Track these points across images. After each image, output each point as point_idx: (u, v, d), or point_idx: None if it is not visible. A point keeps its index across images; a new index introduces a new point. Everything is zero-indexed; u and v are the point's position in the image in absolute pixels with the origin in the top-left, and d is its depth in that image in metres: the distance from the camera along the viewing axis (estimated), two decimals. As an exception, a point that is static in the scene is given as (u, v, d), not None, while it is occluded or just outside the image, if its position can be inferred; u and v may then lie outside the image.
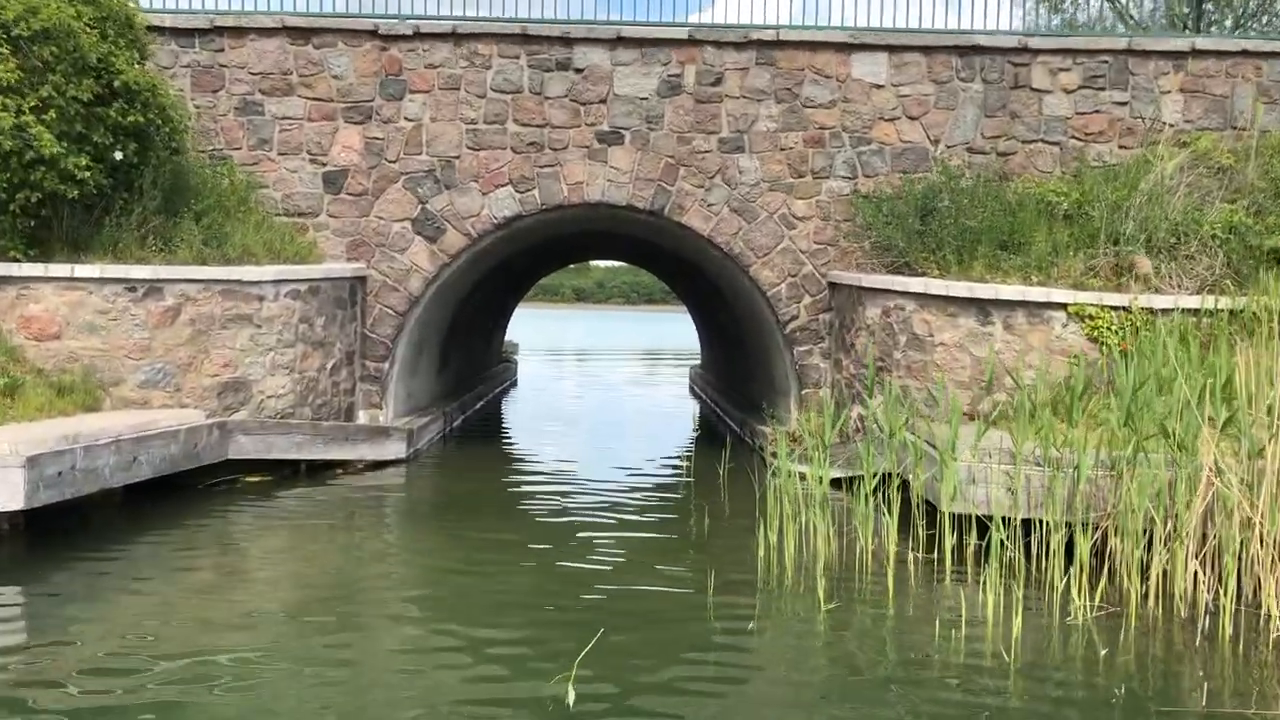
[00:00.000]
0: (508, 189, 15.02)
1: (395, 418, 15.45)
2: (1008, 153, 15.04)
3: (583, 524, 11.45)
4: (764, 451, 15.37)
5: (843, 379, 14.43)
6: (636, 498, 13.12)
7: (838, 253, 15.10)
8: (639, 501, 12.88)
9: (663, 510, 12.32)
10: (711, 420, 22.07)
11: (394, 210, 15.03)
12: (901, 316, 13.02)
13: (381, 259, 15.06)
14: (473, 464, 15.46)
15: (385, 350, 15.08)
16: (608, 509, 12.31)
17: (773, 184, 15.07)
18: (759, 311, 15.97)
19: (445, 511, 12.22)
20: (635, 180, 15.03)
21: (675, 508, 12.35)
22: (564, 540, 10.70)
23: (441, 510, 12.30)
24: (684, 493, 13.21)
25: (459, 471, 14.86)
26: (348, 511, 11.87)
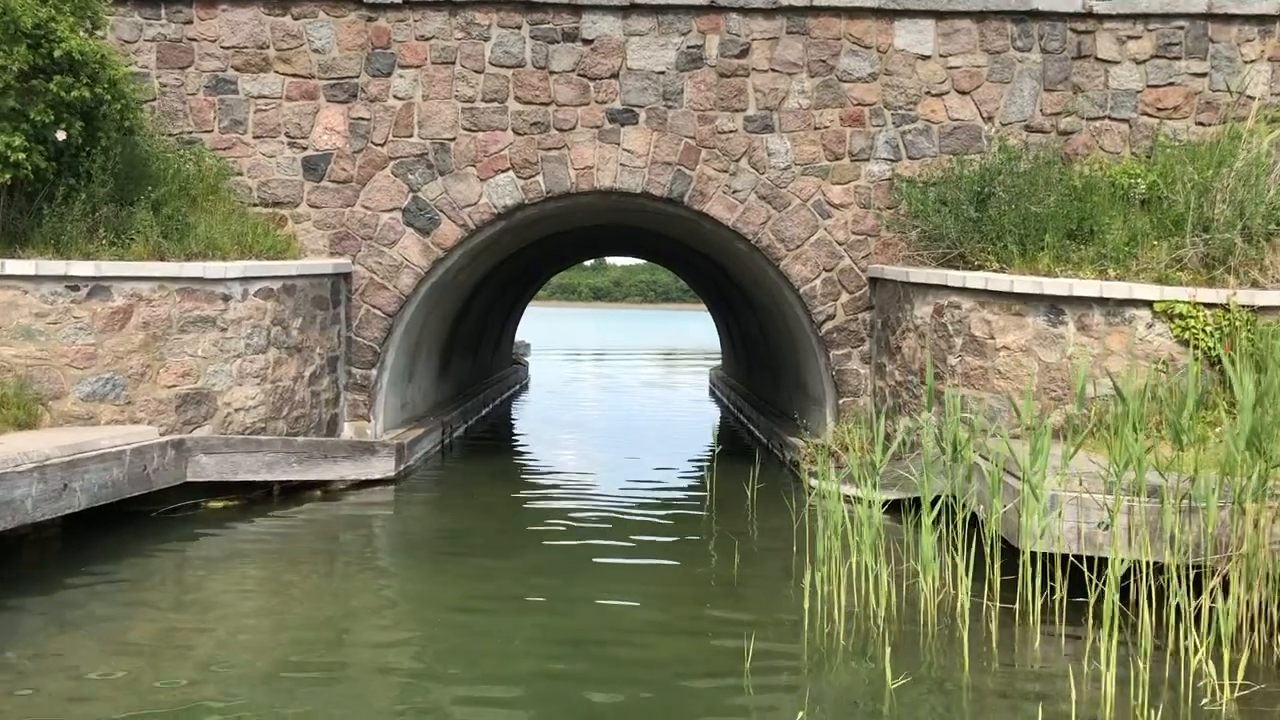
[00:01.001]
0: (509, 175, 13.43)
1: (385, 430, 13.89)
2: (1070, 131, 13.35)
3: (593, 560, 9.85)
4: (797, 468, 13.75)
5: (886, 387, 12.77)
6: (654, 525, 11.51)
7: (879, 244, 13.45)
8: (657, 530, 11.26)
9: (684, 543, 10.69)
10: (734, 427, 20.43)
11: (382, 199, 13.46)
12: (957, 316, 11.36)
13: (368, 253, 13.49)
14: (471, 482, 13.87)
15: (373, 355, 13.51)
16: (621, 540, 10.71)
17: (806, 167, 13.43)
18: (789, 310, 14.33)
19: (439, 542, 10.63)
20: (651, 164, 13.41)
21: (699, 540, 10.72)
22: (572, 580, 9.10)
23: (435, 540, 10.72)
24: (708, 519, 11.58)
25: (455, 492, 13.27)
26: (325, 543, 10.31)
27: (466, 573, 9.35)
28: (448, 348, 17.80)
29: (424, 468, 14.25)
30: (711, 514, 11.78)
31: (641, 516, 11.83)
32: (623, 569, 9.66)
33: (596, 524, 11.38)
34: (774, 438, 16.13)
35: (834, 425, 13.67)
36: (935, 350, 11.61)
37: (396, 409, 14.54)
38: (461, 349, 19.43)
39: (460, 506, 12.40)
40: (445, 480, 13.95)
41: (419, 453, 14.23)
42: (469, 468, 15.08)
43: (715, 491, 12.30)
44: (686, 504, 12.61)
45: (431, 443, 15.20)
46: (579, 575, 9.30)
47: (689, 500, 12.80)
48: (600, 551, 10.17)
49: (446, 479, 14.05)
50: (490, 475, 14.37)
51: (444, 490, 13.32)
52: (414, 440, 13.99)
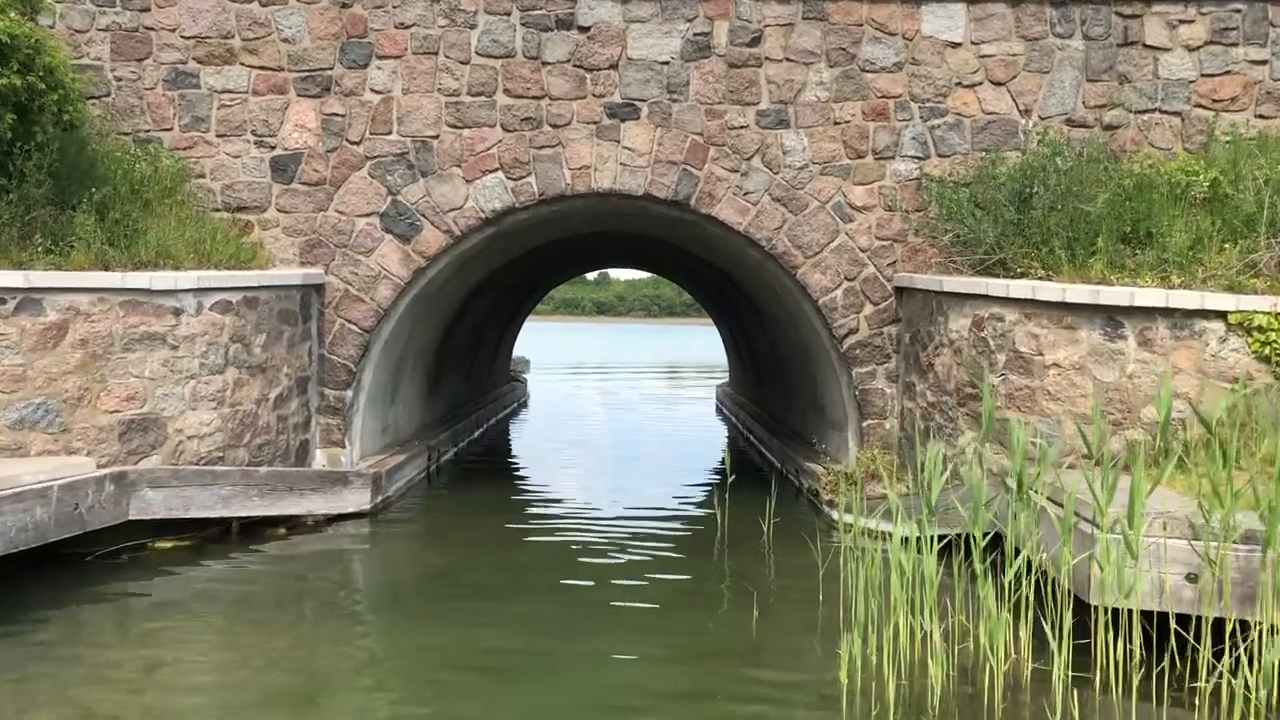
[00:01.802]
0: (497, 176, 12.19)
1: (362, 457, 12.62)
2: (1115, 125, 12.09)
3: (590, 615, 8.56)
4: (816, 497, 12.48)
5: (916, 408, 11.49)
6: (659, 564, 10.23)
7: (906, 251, 12.18)
8: (663, 570, 9.98)
9: (694, 590, 9.40)
10: (743, 448, 19.14)
11: (358, 203, 12.22)
12: (999, 329, 10.09)
13: (343, 262, 12.24)
14: (459, 514, 12.58)
15: (348, 375, 12.25)
16: (624, 583, 9.44)
17: (825, 166, 12.18)
18: (806, 324, 13.07)
19: (420, 588, 9.36)
20: (654, 163, 12.17)
21: (710, 585, 9.43)
22: (572, 634, 7.85)
23: (415, 586, 9.45)
24: (719, 560, 10.30)
25: (440, 526, 11.99)
26: (289, 590, 9.05)
27: (451, 625, 8.12)
28: (436, 365, 16.55)
29: (406, 498, 12.97)
30: (723, 551, 10.50)
31: (646, 554, 10.55)
32: (626, 620, 8.38)
33: (597, 563, 10.12)
34: (788, 462, 14.85)
35: (857, 450, 12.39)
36: (973, 368, 10.34)
37: (376, 433, 13.28)
38: (453, 366, 18.18)
39: (445, 543, 11.12)
40: (429, 512, 12.66)
41: (400, 481, 12.95)
42: (457, 496, 13.80)
43: (727, 524, 11.02)
44: (695, 540, 11.30)
45: (416, 469, 13.92)
46: (578, 629, 8.05)
47: (698, 535, 11.49)
48: (602, 599, 8.91)
49: (431, 511, 12.76)
50: (481, 505, 13.08)
51: (427, 524, 12.04)
52: (394, 468, 12.72)
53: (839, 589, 8.35)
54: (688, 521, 12.41)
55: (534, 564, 10.28)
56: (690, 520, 12.47)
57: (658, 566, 10.11)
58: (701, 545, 10.89)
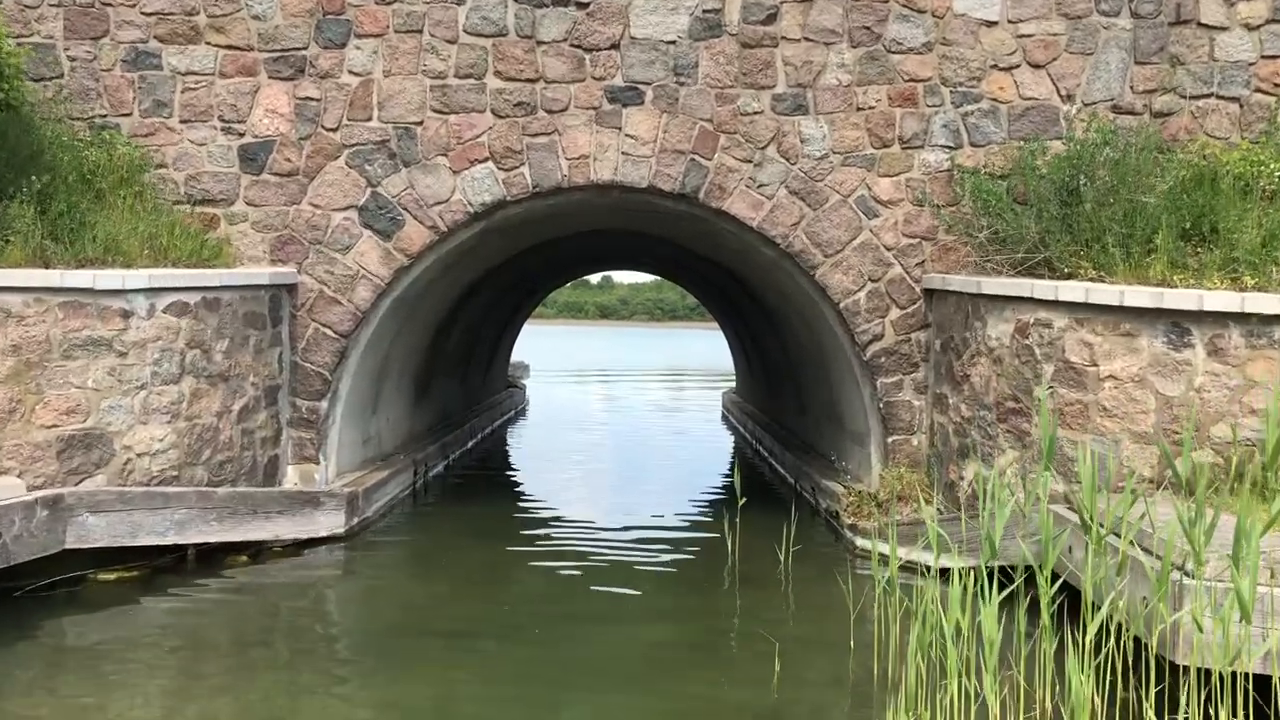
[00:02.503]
0: (487, 166, 11.11)
1: (339, 474, 11.53)
2: (1167, 112, 10.99)
3: (587, 665, 7.46)
4: (836, 520, 11.38)
5: (949, 423, 10.38)
6: (665, 604, 9.14)
7: (936, 249, 11.09)
8: (669, 615, 8.88)
9: (705, 638, 8.26)
10: (753, 460, 18.06)
11: (334, 195, 11.14)
12: (1047, 337, 8.98)
13: (317, 260, 11.16)
14: (445, 537, 11.48)
15: (322, 384, 11.16)
16: (626, 624, 8.38)
17: (847, 156, 11.09)
18: (825, 329, 11.97)
19: (397, 626, 8.25)
20: (659, 153, 11.08)
21: (723, 630, 8.33)
22: (568, 690, 6.79)
23: (391, 624, 8.35)
24: (731, 592, 9.20)
25: (423, 552, 10.89)
26: (248, 629, 8.00)
27: (430, 677, 7.08)
28: (425, 371, 15.46)
29: (388, 518, 11.86)
30: (735, 583, 9.41)
31: (650, 587, 9.48)
32: (629, 673, 7.31)
33: (597, 599, 9.06)
34: (803, 478, 13.74)
35: (881, 468, 11.28)
36: (1017, 380, 9.23)
37: (355, 446, 12.19)
38: (444, 372, 17.10)
39: (428, 573, 10.02)
40: (413, 535, 11.56)
41: (381, 500, 11.85)
42: (445, 516, 12.69)
43: (739, 556, 9.91)
44: (704, 569, 10.18)
45: (399, 486, 12.82)
46: (574, 683, 7.00)
47: (707, 564, 10.37)
48: (601, 644, 7.84)
49: (415, 533, 11.66)
50: (470, 526, 11.97)
51: (409, 550, 10.94)
52: (375, 485, 11.62)
53: (871, 633, 7.27)
54: (696, 547, 11.30)
55: (526, 599, 9.19)
56: (699, 545, 11.35)
57: (664, 603, 9.02)
58: (711, 575, 9.78)
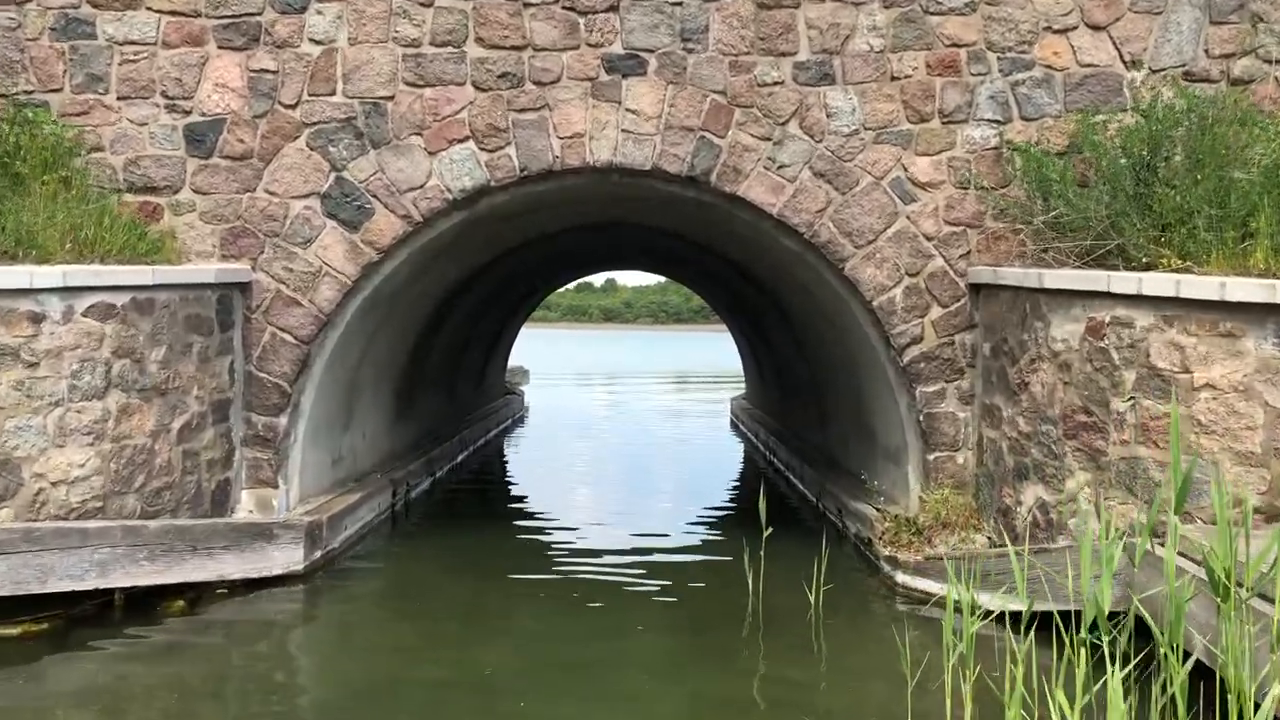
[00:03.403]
0: (468, 146, 9.72)
1: (302, 499, 10.13)
2: (1247, 79, 9.57)
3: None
4: (868, 548, 9.98)
5: (1003, 439, 8.96)
6: (676, 658, 7.72)
7: (983, 239, 9.68)
8: (677, 680, 7.46)
9: (724, 704, 6.87)
10: (765, 472, 16.64)
11: (294, 181, 9.76)
12: (1127, 338, 7.56)
13: (275, 255, 9.78)
14: (420, 574, 10.05)
15: (281, 397, 9.77)
16: (631, 687, 6.95)
17: (880, 133, 9.69)
18: (853, 330, 10.56)
19: (353, 697, 6.82)
20: (665, 129, 9.68)
21: (745, 696, 6.91)
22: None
23: (345, 695, 6.91)
24: (752, 641, 7.79)
25: (392, 593, 9.46)
26: (181, 696, 6.56)
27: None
28: (408, 380, 14.06)
29: (359, 549, 10.45)
30: (758, 630, 8.00)
31: (657, 633, 8.07)
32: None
33: (594, 646, 7.63)
34: (827, 497, 12.31)
35: (920, 489, 9.86)
36: (1089, 389, 7.81)
37: (323, 467, 10.79)
38: (430, 381, 15.70)
39: (399, 616, 8.59)
40: (386, 569, 10.14)
41: (351, 528, 10.44)
42: (426, 543, 11.26)
43: (761, 599, 8.50)
44: (721, 611, 8.73)
45: (374, 510, 11.41)
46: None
47: (723, 602, 8.92)
48: (601, 713, 6.41)
49: (388, 566, 10.24)
50: (452, 554, 10.56)
51: (380, 589, 9.51)
52: (343, 511, 10.22)
53: (936, 709, 5.85)
54: (710, 578, 9.86)
55: (513, 649, 7.76)
56: (713, 576, 9.91)
57: (673, 656, 7.60)
58: (728, 617, 8.36)
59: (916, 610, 8.50)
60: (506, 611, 8.78)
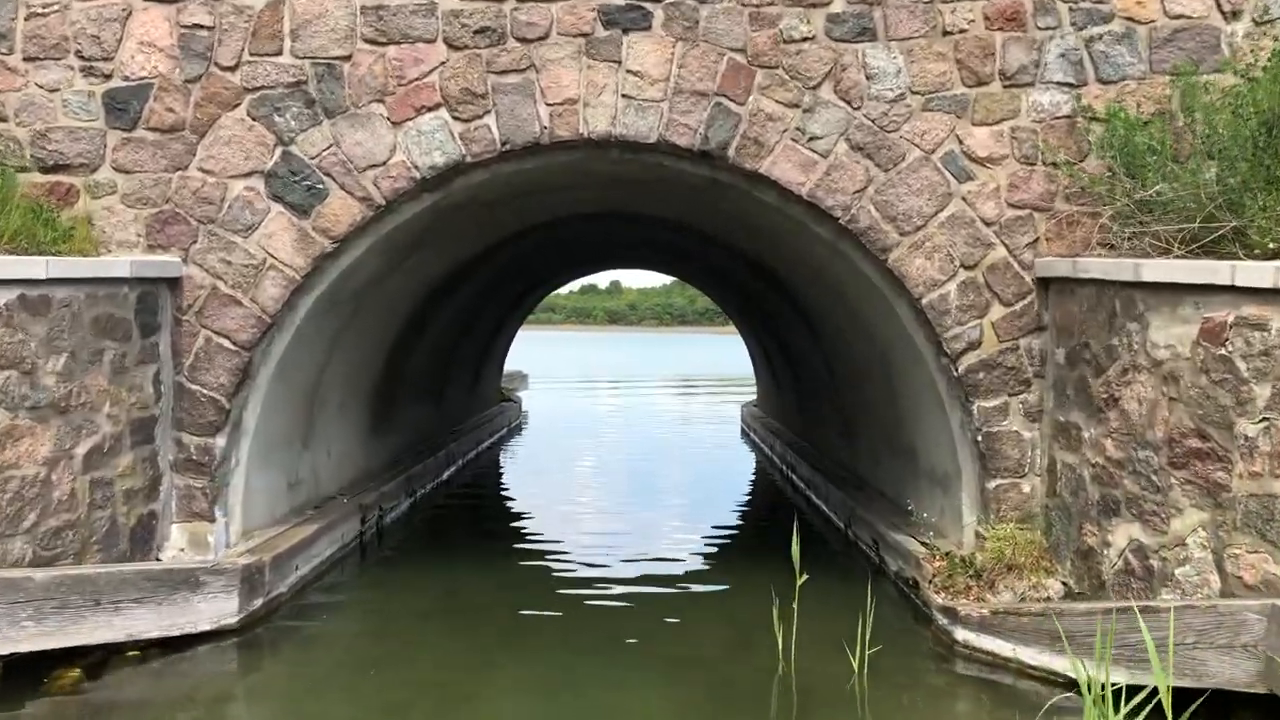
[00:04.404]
0: (439, 115, 8.18)
1: (247, 533, 8.59)
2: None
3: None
4: (916, 591, 8.42)
5: (1083, 465, 7.39)
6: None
7: (1054, 224, 8.12)
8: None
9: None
10: (782, 488, 15.15)
11: (233, 158, 8.22)
12: (1258, 344, 5.99)
13: (210, 246, 8.24)
14: (383, 618, 8.49)
15: (217, 413, 8.23)
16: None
17: (930, 98, 8.13)
18: (893, 333, 9.02)
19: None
20: (673, 95, 8.13)
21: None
22: None
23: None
24: None
25: (347, 649, 7.85)
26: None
27: None
28: (385, 389, 12.52)
29: (314, 590, 8.90)
30: (790, 709, 6.44)
31: (663, 708, 6.51)
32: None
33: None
34: (859, 525, 10.75)
35: (977, 523, 8.29)
36: (1205, 406, 6.24)
37: (274, 494, 9.24)
38: (413, 389, 14.16)
39: (354, 684, 6.99)
40: (347, 616, 8.56)
41: (305, 567, 8.89)
42: (396, 579, 9.67)
43: (787, 641, 6.97)
44: (746, 678, 7.14)
45: (337, 543, 9.85)
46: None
47: (749, 666, 7.34)
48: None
49: (347, 612, 8.67)
50: (427, 593, 9.00)
51: (333, 642, 7.93)
52: (295, 548, 8.68)
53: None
54: (731, 634, 8.19)
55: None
56: (734, 632, 8.23)
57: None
58: (755, 694, 6.79)
59: (984, 676, 6.95)
60: (480, 672, 7.23)
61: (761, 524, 13.29)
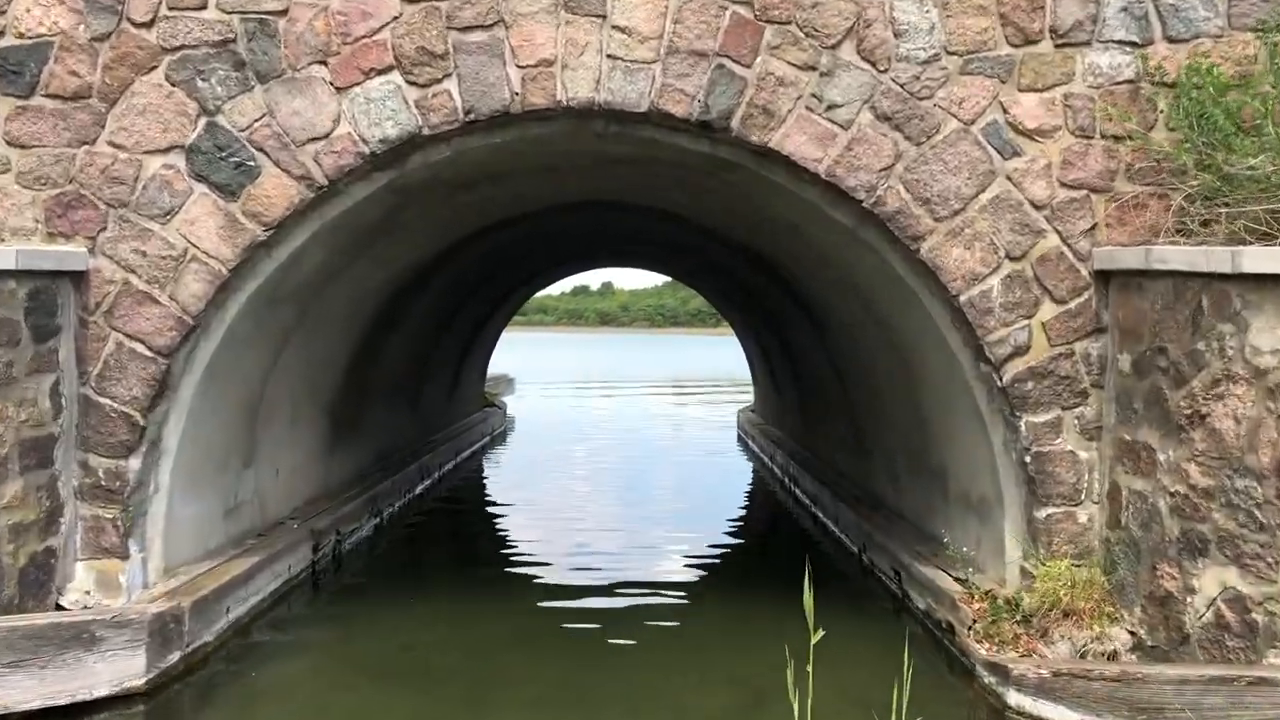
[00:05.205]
0: (391, 79, 6.94)
1: (171, 569, 7.34)
2: None
3: None
4: (951, 637, 7.21)
5: (1160, 494, 6.18)
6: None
7: (1115, 208, 6.91)
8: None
9: None
10: (784, 502, 13.99)
11: (148, 130, 6.98)
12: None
13: (122, 234, 6.99)
14: (326, 673, 7.25)
15: (130, 431, 6.97)
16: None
17: (969, 59, 6.92)
18: (922, 334, 7.81)
19: None
20: (668, 56, 6.91)
21: None
22: None
23: None
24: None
25: (287, 714, 6.62)
26: None
27: None
28: (347, 398, 11.27)
29: (250, 637, 7.65)
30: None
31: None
32: None
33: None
34: (877, 552, 9.53)
35: (1023, 557, 7.07)
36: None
37: (207, 522, 7.99)
38: (383, 397, 12.91)
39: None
40: (285, 669, 7.27)
41: (237, 610, 7.63)
42: (353, 620, 8.35)
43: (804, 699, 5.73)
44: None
45: (279, 577, 8.57)
46: None
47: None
48: None
49: (289, 665, 7.36)
50: (380, 641, 7.75)
51: (271, 700, 6.68)
52: (223, 588, 7.42)
53: None
54: (738, 694, 6.98)
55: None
56: (743, 691, 7.01)
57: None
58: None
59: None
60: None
61: (764, 545, 12.12)
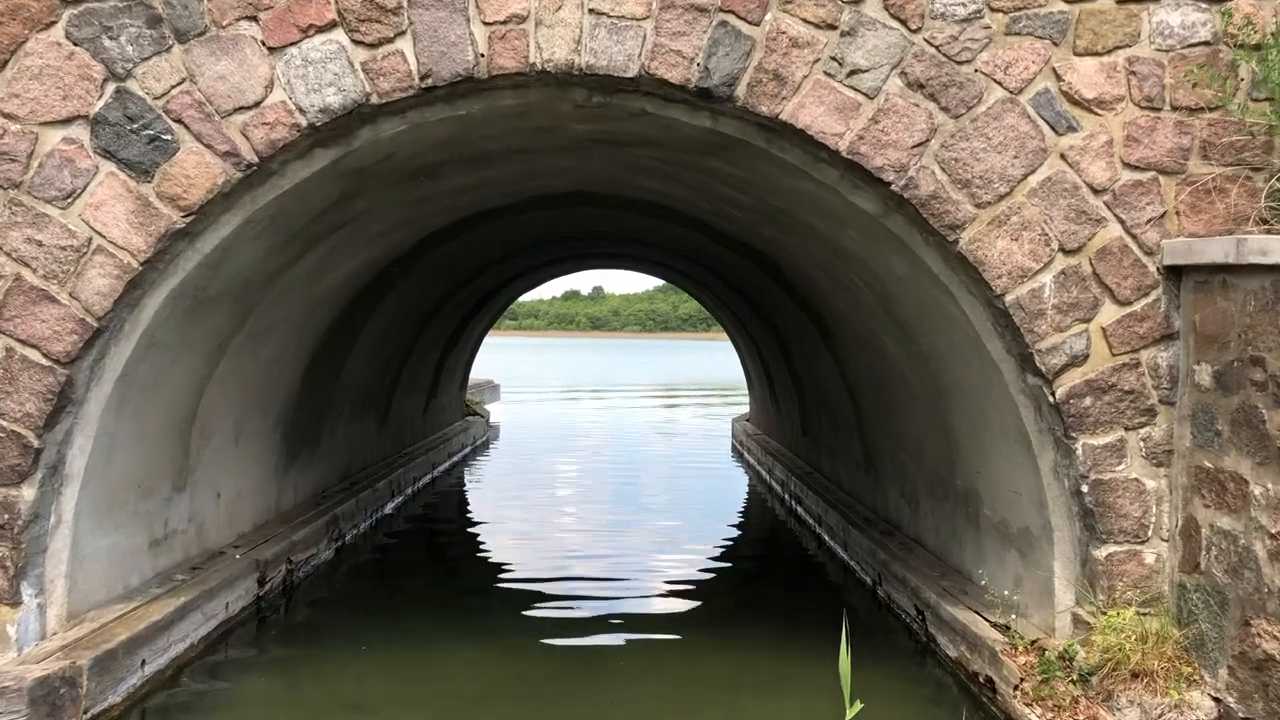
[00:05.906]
0: (333, 38, 5.87)
1: (77, 615, 6.24)
2: None
3: None
4: (992, 694, 6.14)
5: (1252, 533, 5.13)
6: None
7: (1189, 193, 5.87)
8: None
9: None
10: (785, 521, 12.98)
11: (45, 97, 5.88)
12: None
13: (12, 220, 5.90)
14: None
15: (22, 454, 5.87)
16: None
17: (1016, 17, 5.88)
18: (951, 336, 6.76)
19: None
20: (660, 11, 5.85)
21: None
22: None
23: None
24: None
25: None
26: None
27: None
28: (307, 408, 10.18)
29: (172, 694, 6.56)
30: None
31: None
32: None
33: None
34: (894, 584, 8.47)
35: (1075, 603, 6.02)
36: None
37: (128, 556, 6.89)
38: (347, 407, 11.82)
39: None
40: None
41: (157, 661, 6.53)
42: (300, 667, 7.28)
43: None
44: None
45: (213, 619, 7.46)
46: None
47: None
48: None
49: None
50: (339, 687, 6.68)
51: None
52: (136, 637, 6.31)
53: None
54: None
55: None
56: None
57: None
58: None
59: None
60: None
61: (765, 571, 11.06)
